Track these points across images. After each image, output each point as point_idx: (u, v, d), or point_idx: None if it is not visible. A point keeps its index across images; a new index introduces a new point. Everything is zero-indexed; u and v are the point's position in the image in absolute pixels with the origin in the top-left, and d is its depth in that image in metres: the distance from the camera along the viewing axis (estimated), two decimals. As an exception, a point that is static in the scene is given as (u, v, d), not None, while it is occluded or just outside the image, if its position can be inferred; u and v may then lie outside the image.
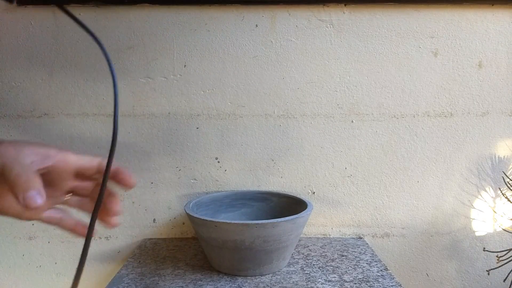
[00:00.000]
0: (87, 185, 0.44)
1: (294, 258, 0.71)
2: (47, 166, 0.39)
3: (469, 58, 0.79)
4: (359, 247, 0.77)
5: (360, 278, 0.63)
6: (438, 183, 0.82)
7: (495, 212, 0.82)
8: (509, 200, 0.78)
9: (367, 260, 0.71)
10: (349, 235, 0.83)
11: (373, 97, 0.80)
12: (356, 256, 0.72)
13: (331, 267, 0.67)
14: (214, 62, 0.78)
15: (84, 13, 0.76)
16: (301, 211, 0.64)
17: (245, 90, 0.79)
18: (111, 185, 0.41)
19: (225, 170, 0.81)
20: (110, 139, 0.37)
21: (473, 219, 0.83)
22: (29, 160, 0.37)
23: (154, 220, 0.82)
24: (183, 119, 0.80)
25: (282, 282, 0.62)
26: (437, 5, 0.77)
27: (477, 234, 0.83)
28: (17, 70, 0.78)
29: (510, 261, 0.75)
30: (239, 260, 0.63)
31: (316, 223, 0.83)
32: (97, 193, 0.39)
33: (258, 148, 0.81)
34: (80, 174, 0.42)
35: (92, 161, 0.42)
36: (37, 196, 0.34)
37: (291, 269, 0.67)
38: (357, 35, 0.78)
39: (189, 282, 0.62)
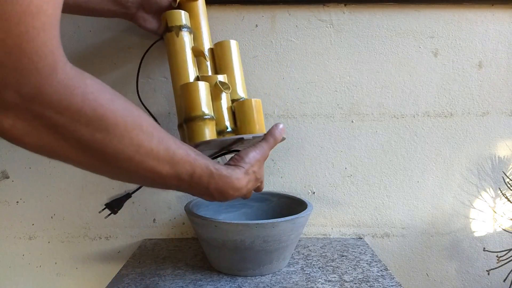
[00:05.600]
0: None
1: (294, 258, 0.71)
2: None
3: (469, 58, 0.79)
4: (359, 247, 0.77)
5: (360, 278, 0.63)
6: (438, 183, 0.82)
7: (495, 212, 0.82)
8: (509, 200, 0.78)
9: (367, 260, 0.71)
10: (349, 235, 0.83)
11: (373, 97, 0.80)
12: (356, 256, 0.72)
13: (331, 267, 0.67)
14: (214, 62, 0.78)
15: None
16: (301, 211, 0.64)
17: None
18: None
19: (225, 170, 0.81)
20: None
21: (473, 219, 0.83)
22: None
23: (154, 220, 0.82)
24: (183, 119, 0.80)
25: (282, 282, 0.62)
26: (437, 5, 0.77)
27: (477, 234, 0.83)
28: (17, 70, 0.78)
29: (510, 261, 0.75)
30: (239, 260, 0.63)
31: (316, 223, 0.83)
32: None
33: (258, 148, 0.81)
34: None
35: None
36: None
37: (291, 269, 0.67)
38: (357, 35, 0.78)
39: (189, 282, 0.63)
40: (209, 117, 0.60)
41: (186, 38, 0.65)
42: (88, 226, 0.82)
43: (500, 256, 0.77)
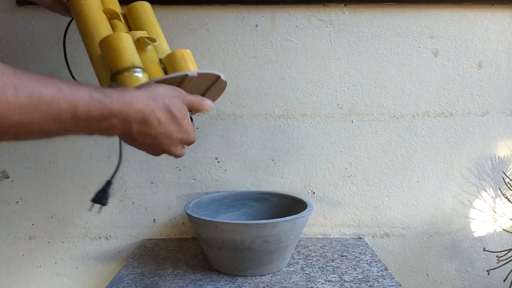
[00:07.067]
0: None
1: (294, 258, 0.71)
2: None
3: (469, 58, 0.79)
4: (359, 247, 0.77)
5: (360, 278, 0.63)
6: (438, 183, 0.82)
7: (495, 212, 0.82)
8: (509, 200, 0.78)
9: (367, 260, 0.71)
10: (349, 235, 0.83)
11: (373, 97, 0.80)
12: (356, 256, 0.72)
13: (331, 267, 0.67)
14: (214, 62, 0.78)
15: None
16: (301, 211, 0.64)
17: (245, 90, 0.79)
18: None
19: (225, 170, 0.81)
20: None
21: (473, 219, 0.83)
22: None
23: (154, 220, 0.82)
24: (183, 119, 0.79)
25: (282, 282, 0.62)
26: (437, 5, 0.77)
27: (477, 234, 0.83)
28: (17, 70, 0.78)
29: (510, 261, 0.75)
30: (239, 260, 0.63)
31: (316, 223, 0.83)
32: None
33: (258, 148, 0.81)
34: None
35: None
36: None
37: (291, 269, 0.67)
38: (357, 35, 0.78)
39: (189, 282, 0.63)
40: (140, 69, 0.51)
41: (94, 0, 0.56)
42: (88, 226, 0.82)
43: (500, 256, 0.77)
